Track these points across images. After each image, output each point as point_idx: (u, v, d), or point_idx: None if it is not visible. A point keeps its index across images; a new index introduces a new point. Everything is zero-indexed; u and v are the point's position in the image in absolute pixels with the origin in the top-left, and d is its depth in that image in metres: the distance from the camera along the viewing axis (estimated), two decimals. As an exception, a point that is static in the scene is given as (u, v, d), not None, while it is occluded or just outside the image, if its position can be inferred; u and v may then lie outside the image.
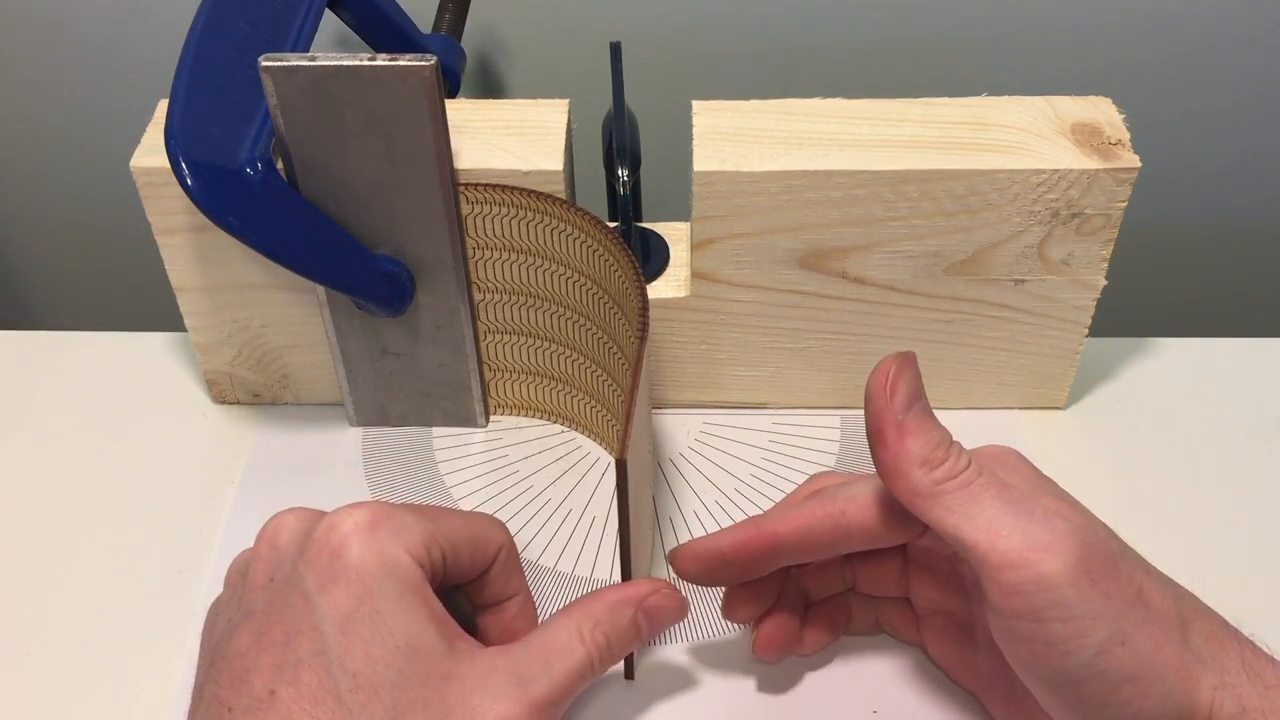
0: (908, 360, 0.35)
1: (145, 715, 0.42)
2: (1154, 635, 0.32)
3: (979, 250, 0.45)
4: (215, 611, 0.37)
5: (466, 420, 0.51)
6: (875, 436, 0.35)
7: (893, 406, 0.35)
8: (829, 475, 0.41)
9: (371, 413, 0.51)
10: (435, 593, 0.35)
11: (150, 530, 0.48)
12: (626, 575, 0.38)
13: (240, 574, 0.37)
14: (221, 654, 0.34)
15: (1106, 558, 0.33)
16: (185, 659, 0.43)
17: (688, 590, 0.41)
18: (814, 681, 0.42)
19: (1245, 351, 0.54)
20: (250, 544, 0.46)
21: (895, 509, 0.36)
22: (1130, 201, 0.44)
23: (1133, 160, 0.43)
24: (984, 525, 0.33)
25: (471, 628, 0.40)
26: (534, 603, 0.40)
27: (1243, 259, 0.75)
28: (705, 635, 0.43)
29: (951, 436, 0.35)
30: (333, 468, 0.50)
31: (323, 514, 0.36)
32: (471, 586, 0.38)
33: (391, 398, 0.50)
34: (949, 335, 0.49)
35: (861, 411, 0.50)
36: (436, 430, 0.51)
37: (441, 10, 0.57)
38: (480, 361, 0.49)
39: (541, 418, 0.52)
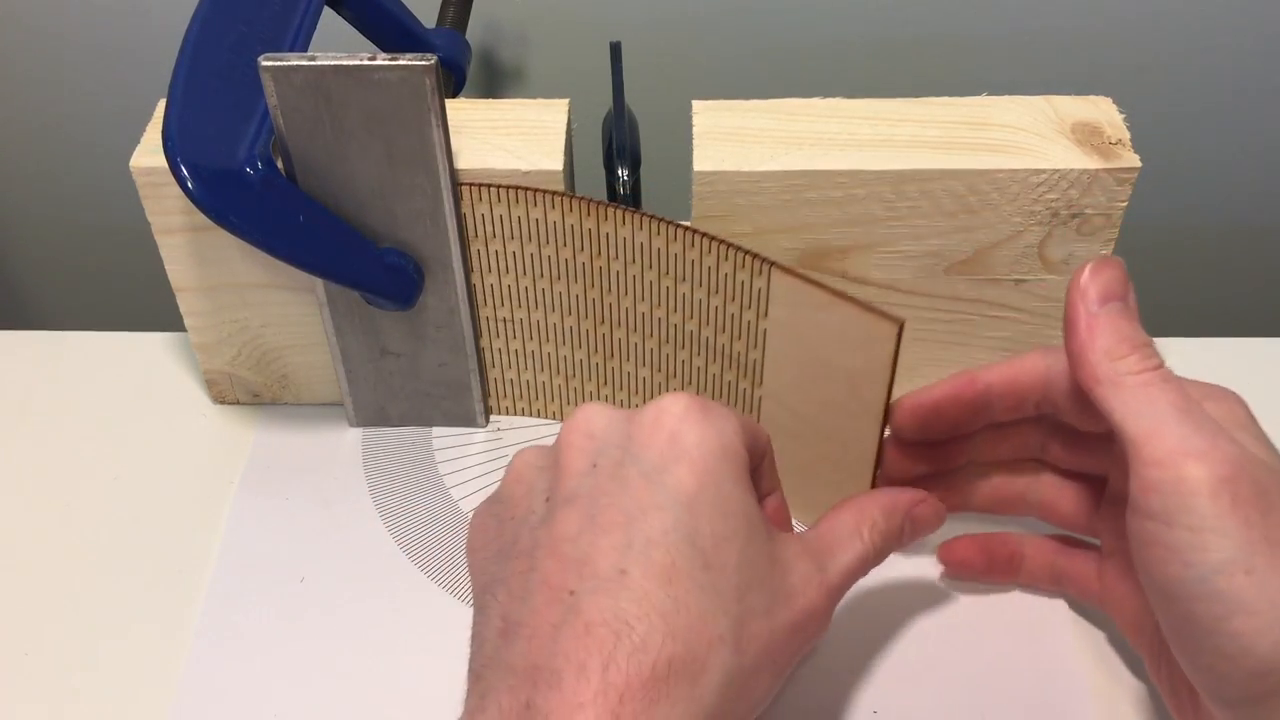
0: (1109, 262, 0.36)
1: (145, 715, 0.42)
2: None
3: (979, 250, 0.45)
4: (497, 508, 0.36)
5: (466, 420, 0.51)
6: (1066, 326, 0.36)
7: (1085, 299, 0.36)
8: (1049, 348, 0.41)
9: (371, 413, 0.51)
10: None
11: (150, 530, 0.48)
12: (874, 480, 0.40)
13: (537, 468, 0.36)
14: (536, 541, 0.33)
15: (1261, 490, 0.32)
16: (185, 659, 0.43)
17: None
18: (814, 681, 0.42)
19: (1245, 351, 0.54)
20: (250, 544, 0.47)
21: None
22: (1130, 201, 0.44)
23: (1133, 160, 0.43)
24: (1147, 422, 0.33)
25: None
26: (785, 500, 0.41)
27: (1243, 259, 0.75)
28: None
29: (1149, 340, 0.36)
30: (333, 468, 0.50)
31: (626, 409, 0.36)
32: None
33: (391, 398, 0.50)
34: (949, 335, 0.49)
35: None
36: (436, 430, 0.51)
37: (445, 4, 0.57)
38: (480, 361, 0.49)
39: (543, 416, 0.52)
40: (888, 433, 0.41)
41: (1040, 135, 0.44)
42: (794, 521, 0.43)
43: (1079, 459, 0.41)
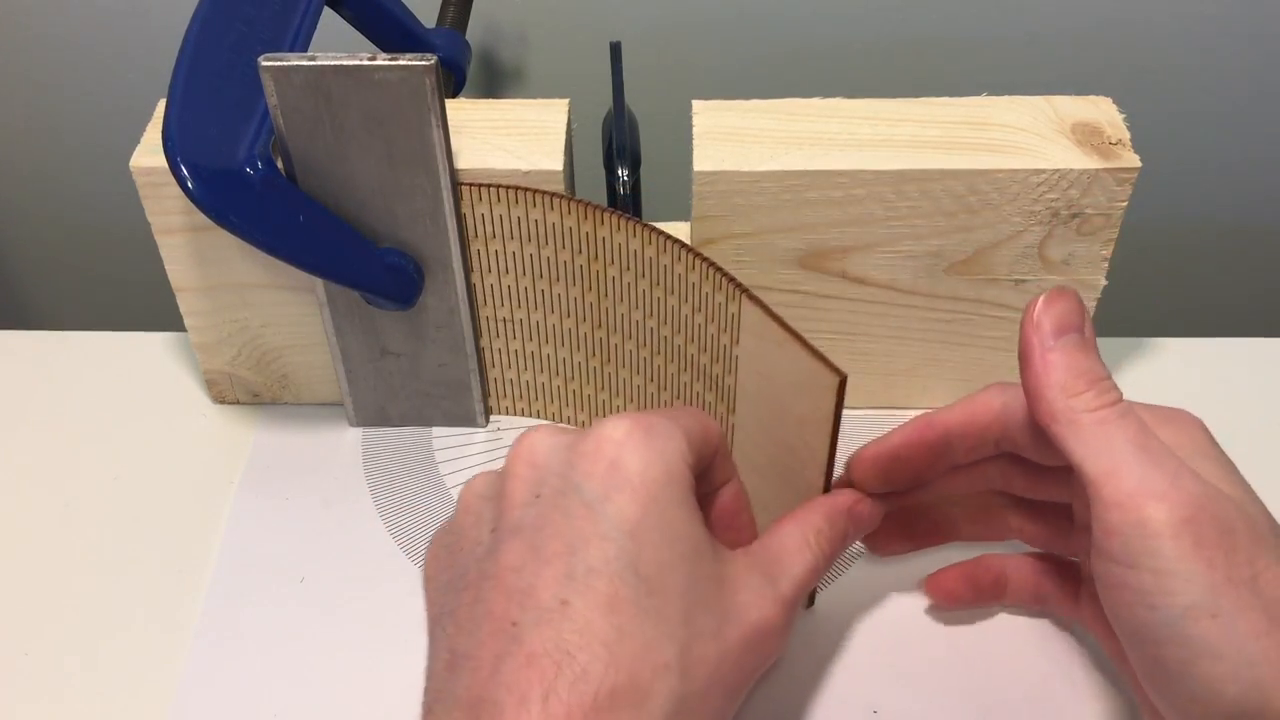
0: (1062, 293, 0.36)
1: (145, 715, 0.42)
2: (1254, 622, 0.31)
3: (979, 250, 0.45)
4: (449, 538, 0.36)
5: (466, 420, 0.51)
6: (1021, 362, 0.36)
7: (1039, 333, 0.35)
8: (1006, 384, 0.41)
9: (371, 413, 0.51)
10: None
11: (150, 530, 0.48)
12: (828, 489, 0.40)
13: (485, 497, 0.36)
14: (483, 573, 0.33)
15: (1225, 529, 0.32)
16: (185, 659, 0.43)
17: None
18: (814, 681, 0.42)
19: (1245, 351, 0.54)
20: (250, 544, 0.47)
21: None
22: (1130, 201, 0.44)
23: (1133, 160, 0.43)
24: (1106, 461, 0.33)
25: None
26: (744, 486, 0.40)
27: (1243, 259, 0.75)
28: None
29: (1106, 374, 0.35)
30: (333, 468, 0.50)
31: (574, 431, 0.36)
32: (698, 479, 0.38)
33: (391, 398, 0.50)
34: (949, 335, 0.49)
35: (861, 411, 0.51)
36: (436, 430, 0.51)
37: (445, 4, 0.57)
38: (480, 361, 0.49)
39: (542, 417, 0.52)
40: (842, 487, 0.40)
41: (1040, 135, 0.44)
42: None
43: (1045, 490, 0.41)
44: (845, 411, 0.51)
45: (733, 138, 0.44)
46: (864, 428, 0.51)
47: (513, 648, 0.31)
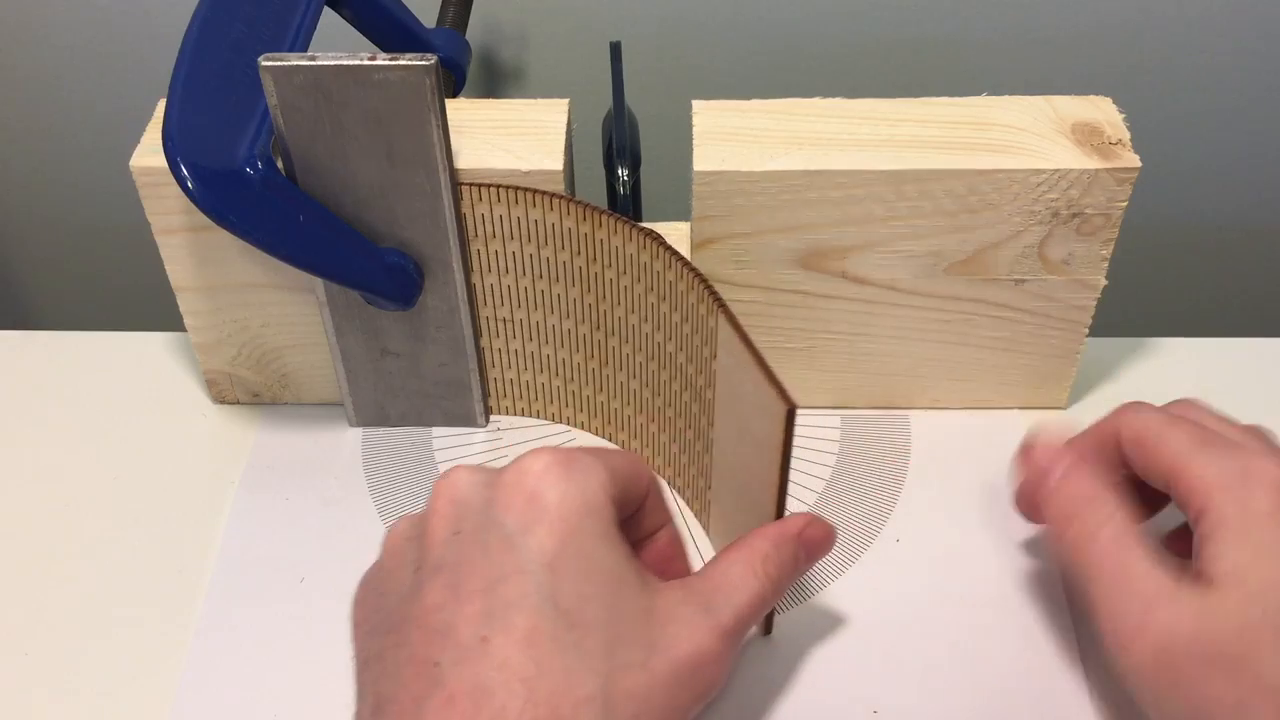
0: (1032, 444, 0.41)
1: (145, 715, 0.42)
2: None
3: (979, 250, 0.45)
4: (375, 581, 0.36)
5: (466, 420, 0.51)
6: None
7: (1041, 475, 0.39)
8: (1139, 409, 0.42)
9: (371, 413, 0.51)
10: None
11: (150, 530, 0.48)
12: (780, 516, 0.39)
13: (408, 538, 0.36)
14: (405, 615, 0.33)
15: (1203, 659, 0.34)
16: (185, 659, 0.43)
17: None
18: (814, 681, 0.42)
19: (1245, 351, 0.54)
20: (250, 544, 0.47)
21: None
22: (1130, 201, 0.44)
23: (1133, 160, 0.43)
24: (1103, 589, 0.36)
25: None
26: (679, 531, 0.40)
27: (1243, 259, 0.75)
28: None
29: (1105, 500, 0.38)
30: (333, 468, 0.50)
31: (494, 469, 0.36)
32: (629, 522, 0.38)
33: (391, 398, 0.50)
34: (949, 335, 0.49)
35: (861, 411, 0.51)
36: (436, 430, 0.51)
37: (445, 4, 0.57)
38: (480, 361, 0.49)
39: (542, 417, 0.52)
40: None
41: (1040, 135, 0.44)
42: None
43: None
44: (848, 412, 0.52)
45: (733, 138, 0.44)
46: (864, 427, 0.51)
47: (434, 689, 0.31)
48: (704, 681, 0.34)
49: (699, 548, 0.47)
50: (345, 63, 0.39)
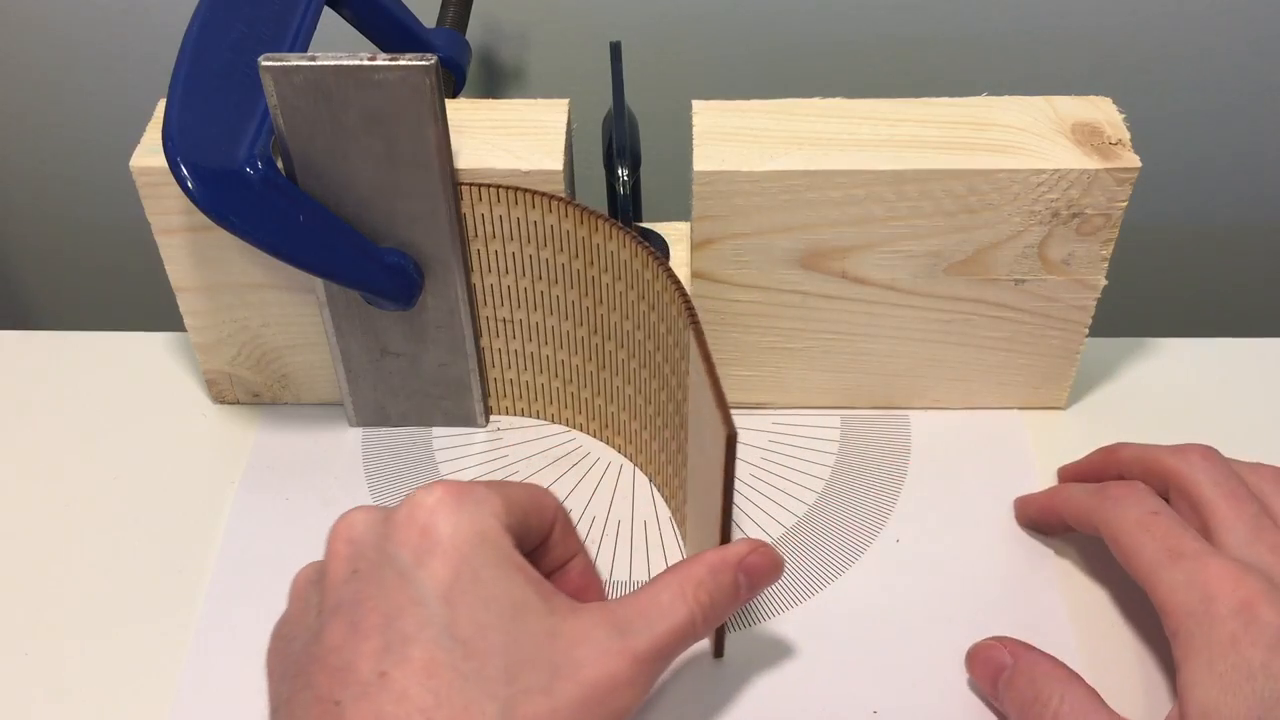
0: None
1: (145, 715, 0.42)
2: None
3: (979, 250, 0.45)
4: (284, 629, 0.36)
5: (466, 420, 0.51)
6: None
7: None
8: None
9: (371, 413, 0.51)
10: None
11: (150, 530, 0.48)
12: (726, 540, 0.38)
13: (311, 582, 0.36)
14: (310, 657, 0.33)
15: None
16: (185, 659, 0.43)
17: None
18: (814, 681, 0.42)
19: (1245, 351, 0.54)
20: (250, 544, 0.47)
21: None
22: (1130, 201, 0.44)
23: (1133, 160, 0.43)
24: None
25: None
26: (593, 561, 0.40)
27: (1243, 259, 0.75)
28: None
29: (1059, 677, 0.38)
30: (333, 468, 0.50)
31: (387, 508, 0.36)
32: (536, 553, 0.38)
33: (391, 398, 0.50)
34: (949, 335, 0.49)
35: (861, 411, 0.51)
36: (436, 430, 0.51)
37: (445, 4, 0.57)
38: (480, 361, 0.49)
39: (541, 418, 0.52)
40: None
41: (1040, 135, 0.44)
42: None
43: None
44: (848, 412, 0.51)
45: (733, 138, 0.44)
46: (864, 427, 0.51)
47: None
48: (615, 706, 0.33)
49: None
50: (345, 63, 0.39)
